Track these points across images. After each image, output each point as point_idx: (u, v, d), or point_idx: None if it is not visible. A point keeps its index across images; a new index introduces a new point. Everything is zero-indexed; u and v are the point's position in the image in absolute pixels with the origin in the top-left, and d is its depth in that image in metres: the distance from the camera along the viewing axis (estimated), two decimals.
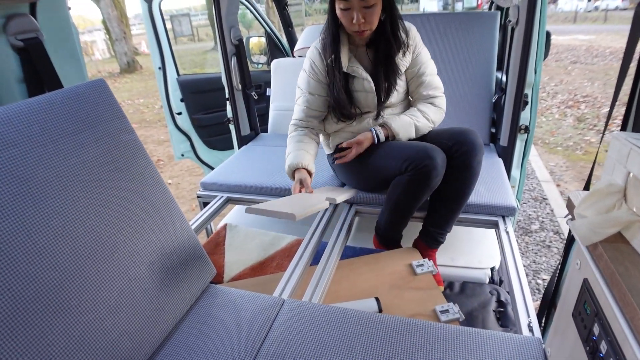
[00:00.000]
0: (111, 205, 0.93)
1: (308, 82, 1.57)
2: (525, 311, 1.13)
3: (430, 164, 1.33)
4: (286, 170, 1.54)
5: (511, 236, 1.44)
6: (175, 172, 4.52)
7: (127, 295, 0.92)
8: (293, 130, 1.62)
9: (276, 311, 1.08)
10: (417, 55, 1.56)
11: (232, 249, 1.63)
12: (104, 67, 14.16)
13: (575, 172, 4.02)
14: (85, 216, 0.87)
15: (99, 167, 0.94)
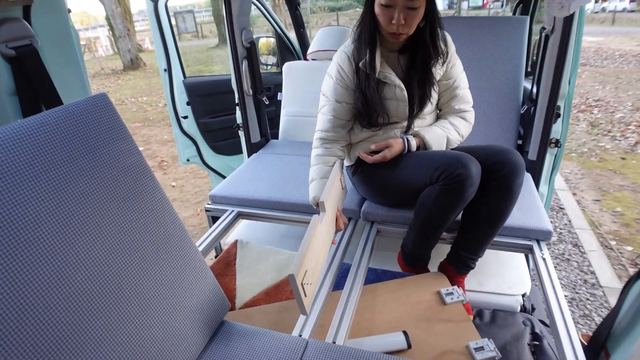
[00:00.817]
0: (115, 243, 0.82)
1: (335, 89, 1.44)
2: (573, 355, 1.02)
3: (465, 172, 1.21)
4: (310, 201, 1.44)
5: (549, 264, 1.33)
6: (179, 174, 4.41)
7: (133, 347, 0.80)
8: (319, 145, 1.49)
9: (299, 355, 0.96)
10: (452, 67, 1.44)
11: (244, 270, 1.52)
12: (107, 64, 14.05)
13: (591, 180, 3.90)
14: (85, 259, 0.76)
15: (100, 199, 0.82)
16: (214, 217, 1.78)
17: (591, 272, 2.63)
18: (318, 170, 1.44)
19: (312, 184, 1.44)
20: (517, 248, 1.45)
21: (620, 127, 5.16)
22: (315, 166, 1.46)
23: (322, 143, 1.48)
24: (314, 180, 1.44)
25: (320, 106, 1.50)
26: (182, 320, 0.92)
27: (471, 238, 1.39)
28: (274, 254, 1.57)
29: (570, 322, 1.11)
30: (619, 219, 3.20)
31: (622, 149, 4.51)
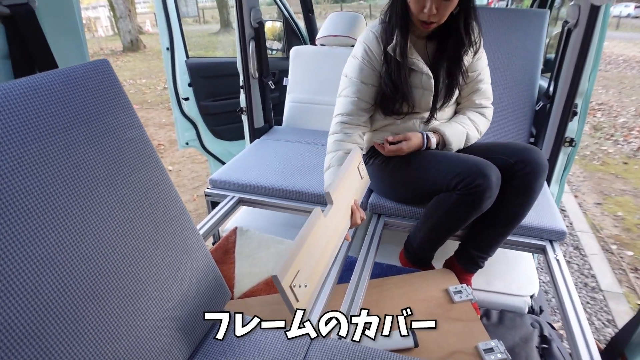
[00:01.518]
0: (111, 221, 0.75)
1: (361, 70, 1.34)
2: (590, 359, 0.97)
3: (484, 183, 1.15)
4: (325, 189, 1.34)
5: (563, 266, 1.28)
6: (176, 158, 4.32)
7: (129, 335, 0.74)
8: (339, 130, 1.37)
9: (303, 352, 0.91)
10: (478, 59, 1.38)
11: (244, 258, 1.45)
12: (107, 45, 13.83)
13: (593, 183, 3.87)
14: (77, 237, 0.69)
15: (96, 173, 0.75)
16: (214, 203, 1.71)
17: (592, 275, 2.60)
18: (337, 157, 1.34)
19: (329, 172, 1.34)
20: (530, 248, 1.40)
21: (623, 132, 5.13)
22: (333, 153, 1.35)
23: (343, 128, 1.36)
24: (332, 167, 1.34)
25: (341, 89, 1.40)
26: (181, 308, 0.86)
27: (484, 237, 1.33)
28: (275, 243, 1.51)
29: (586, 325, 1.06)
30: (620, 223, 3.17)
31: (625, 154, 4.48)
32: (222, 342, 0.94)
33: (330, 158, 1.36)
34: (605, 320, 2.23)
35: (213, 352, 0.91)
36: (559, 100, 1.65)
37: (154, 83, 8.06)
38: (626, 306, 2.32)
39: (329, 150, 1.37)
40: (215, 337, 0.88)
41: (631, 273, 2.59)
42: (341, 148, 1.34)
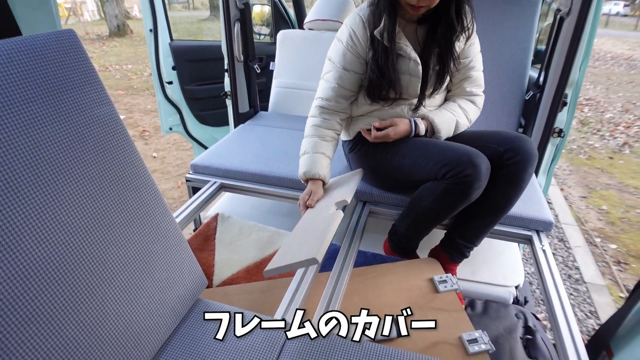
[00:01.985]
0: (75, 203, 0.70)
1: (344, 55, 1.30)
2: (576, 355, 0.95)
3: (474, 173, 1.11)
4: (300, 175, 1.33)
5: (549, 256, 1.26)
6: (161, 144, 4.24)
7: (95, 323, 0.69)
8: (317, 114, 1.36)
9: (282, 342, 0.87)
10: (470, 45, 1.33)
11: (224, 245, 1.41)
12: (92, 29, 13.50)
13: (578, 177, 3.90)
14: (37, 220, 0.64)
15: (60, 152, 0.70)
16: (195, 188, 1.66)
17: (575, 267, 2.61)
18: (312, 143, 1.32)
19: (304, 157, 1.32)
20: (516, 238, 1.38)
21: (610, 127, 5.17)
22: (309, 138, 1.34)
23: (321, 112, 1.35)
24: (307, 153, 1.32)
25: (324, 72, 1.37)
26: (153, 295, 0.82)
27: (470, 226, 1.30)
28: (258, 231, 1.46)
29: (572, 316, 1.04)
30: (605, 216, 3.19)
31: (610, 149, 4.52)
32: (198, 328, 0.90)
33: (306, 143, 1.34)
34: (587, 312, 2.25)
35: (191, 337, 0.87)
36: (549, 90, 1.63)
37: (141, 69, 7.90)
38: (608, 298, 2.34)
39: (306, 134, 1.36)
40: (215, 337, 0.84)
41: (614, 266, 2.61)
42: (318, 135, 1.33)
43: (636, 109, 5.88)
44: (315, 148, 1.31)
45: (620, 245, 2.82)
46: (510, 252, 1.59)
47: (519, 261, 1.56)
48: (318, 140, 1.32)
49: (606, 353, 0.99)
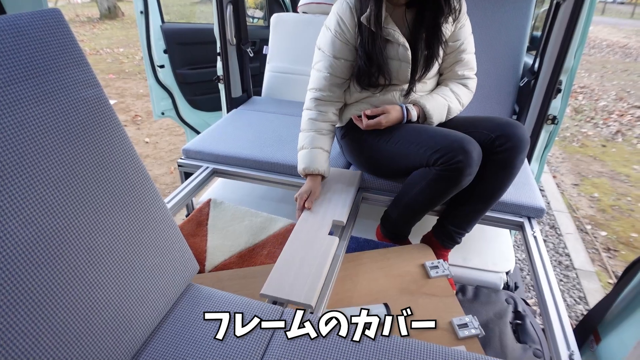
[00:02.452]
0: (61, 185, 0.69)
1: (333, 43, 1.28)
2: (564, 339, 0.96)
3: (465, 160, 1.11)
4: (299, 171, 1.34)
5: (540, 243, 1.27)
6: (153, 129, 4.19)
7: (83, 309, 0.69)
8: (312, 107, 1.35)
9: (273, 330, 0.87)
10: (461, 27, 1.31)
11: (216, 231, 1.40)
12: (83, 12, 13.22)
13: (571, 164, 3.92)
14: (21, 202, 0.63)
15: (45, 133, 0.68)
16: (187, 174, 1.64)
17: (566, 254, 2.64)
18: (310, 138, 1.33)
19: (302, 153, 1.33)
20: (508, 224, 1.39)
21: (603, 115, 5.19)
22: (306, 132, 1.34)
23: (317, 105, 1.34)
24: (305, 149, 1.33)
25: (314, 61, 1.35)
26: (143, 280, 0.81)
27: (462, 212, 1.31)
28: (250, 216, 1.46)
29: (561, 301, 1.05)
30: (596, 204, 3.22)
31: (604, 137, 4.54)
32: (189, 313, 0.89)
33: (303, 138, 1.35)
34: (577, 298, 2.28)
35: (182, 322, 0.87)
36: (543, 77, 1.62)
37: (132, 52, 7.76)
38: (597, 284, 2.37)
39: (303, 128, 1.36)
40: (215, 337, 0.83)
41: (604, 253, 2.64)
42: (314, 129, 1.33)
43: (630, 97, 5.89)
44: (313, 143, 1.32)
45: (611, 232, 2.85)
46: (502, 239, 1.61)
47: (510, 247, 1.57)
48: (315, 134, 1.32)
49: (594, 337, 1.01)
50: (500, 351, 1.18)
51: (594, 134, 4.60)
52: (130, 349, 0.78)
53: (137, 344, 0.80)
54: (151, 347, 0.83)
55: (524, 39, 1.82)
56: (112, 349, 0.74)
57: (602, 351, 0.98)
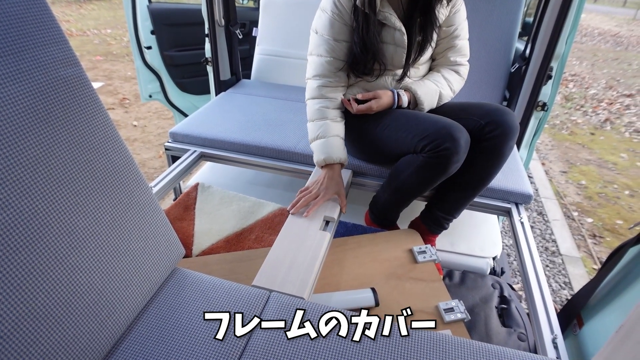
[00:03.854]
0: (39, 168, 0.67)
1: (332, 25, 1.24)
2: (548, 323, 0.98)
3: (452, 147, 1.10)
4: (317, 162, 1.29)
5: (527, 228, 1.27)
6: (142, 113, 4.13)
7: (65, 292, 0.68)
8: (320, 95, 1.30)
9: (259, 309, 0.87)
10: (455, 12, 1.29)
11: (204, 215, 1.39)
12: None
13: (560, 152, 3.95)
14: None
15: (23, 113, 0.66)
16: (175, 157, 1.62)
17: (553, 240, 2.68)
18: (325, 127, 1.28)
19: (318, 143, 1.28)
20: (495, 210, 1.39)
21: (593, 103, 5.22)
22: (319, 122, 1.29)
23: (325, 92, 1.30)
24: (320, 138, 1.28)
25: (313, 46, 1.30)
26: (127, 264, 0.80)
27: (450, 198, 1.31)
28: (238, 201, 1.45)
29: (545, 286, 1.07)
30: (583, 191, 3.26)
31: (592, 125, 4.57)
32: (174, 297, 0.89)
33: (317, 128, 1.29)
34: (562, 283, 2.32)
35: (167, 306, 0.86)
36: (534, 63, 1.61)
37: (120, 34, 7.60)
38: (582, 270, 2.41)
39: (313, 118, 1.30)
40: (215, 337, 0.82)
41: (589, 239, 2.68)
42: (326, 116, 1.29)
43: (619, 86, 5.94)
44: (329, 131, 1.28)
45: (597, 219, 2.89)
46: (489, 225, 1.61)
47: (498, 233, 1.58)
48: (329, 122, 1.28)
49: (577, 322, 1.02)
50: (486, 335, 1.19)
51: (583, 122, 4.64)
52: (114, 332, 0.77)
53: (122, 328, 0.79)
54: (136, 330, 0.82)
55: (516, 24, 1.80)
56: (95, 332, 0.73)
57: (585, 335, 1.00)
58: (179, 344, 0.79)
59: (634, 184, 3.34)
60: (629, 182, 3.37)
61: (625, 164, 3.69)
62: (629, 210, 2.99)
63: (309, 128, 1.32)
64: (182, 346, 0.79)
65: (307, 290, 0.96)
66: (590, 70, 6.85)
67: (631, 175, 3.48)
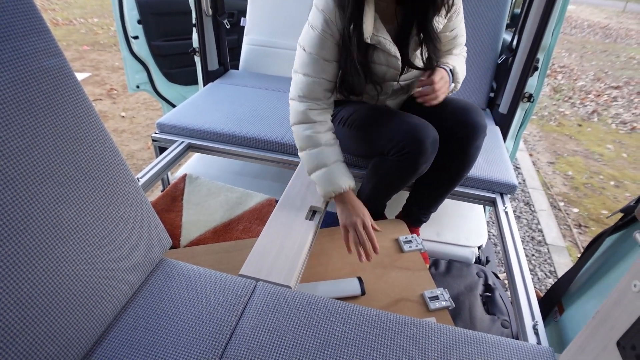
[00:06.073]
0: (22, 158, 0.66)
1: (322, 44, 1.12)
2: (529, 310, 1.00)
3: (416, 150, 1.10)
4: (323, 196, 1.19)
5: (511, 218, 1.30)
6: (130, 104, 4.08)
7: (50, 283, 0.68)
8: (308, 119, 1.17)
9: (246, 298, 0.88)
10: (456, 15, 1.22)
11: (192, 206, 1.39)
12: None
13: (548, 143, 3.99)
14: None
15: (4, 104, 0.65)
16: (162, 149, 1.61)
17: (539, 230, 2.72)
18: (321, 155, 1.16)
19: (319, 174, 1.16)
20: (480, 200, 1.41)
21: (581, 95, 5.27)
22: (312, 150, 1.16)
23: (314, 115, 1.17)
24: (320, 168, 1.16)
25: (298, 65, 1.18)
26: (113, 255, 0.80)
27: (424, 196, 1.34)
28: (226, 191, 1.45)
29: (528, 275, 1.09)
30: (570, 182, 3.30)
31: (580, 116, 4.62)
32: (161, 288, 0.89)
33: (313, 157, 1.17)
34: (547, 272, 2.36)
35: (154, 297, 0.87)
36: (521, 54, 1.62)
37: (107, 23, 7.47)
38: (567, 259, 2.46)
39: (305, 146, 1.18)
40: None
41: (575, 229, 2.72)
42: (320, 142, 1.16)
43: (607, 78, 5.99)
44: (328, 158, 1.16)
45: (582, 209, 2.94)
46: (475, 214, 1.64)
47: (483, 223, 1.60)
48: (324, 148, 1.16)
49: (558, 309, 1.05)
50: (470, 322, 1.21)
51: (571, 114, 4.69)
52: (101, 322, 0.78)
53: (109, 318, 0.80)
54: (123, 320, 0.82)
55: (504, 15, 1.81)
56: (82, 322, 0.73)
57: (565, 321, 1.02)
58: (166, 333, 0.80)
59: (619, 175, 3.39)
60: (615, 173, 3.42)
61: (611, 155, 3.74)
62: (614, 200, 3.04)
63: (302, 158, 1.20)
64: (169, 335, 0.79)
65: (293, 279, 0.97)
66: (579, 62, 6.90)
67: (617, 166, 3.53)
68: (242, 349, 0.78)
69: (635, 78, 6.05)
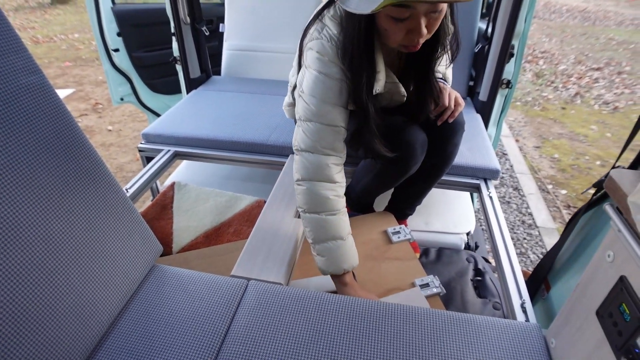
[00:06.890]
0: (6, 174, 0.68)
1: (331, 89, 0.98)
2: (517, 290, 1.02)
3: (406, 153, 1.12)
4: (327, 273, 1.03)
5: (495, 202, 1.32)
6: (116, 117, 4.07)
7: (44, 296, 0.69)
8: (328, 178, 1.00)
9: (238, 298, 0.89)
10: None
11: (182, 213, 1.40)
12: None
13: (533, 127, 4.04)
14: None
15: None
16: (149, 158, 1.62)
17: (529, 213, 2.76)
18: (337, 224, 1.02)
19: (327, 247, 1.01)
20: (465, 187, 1.44)
21: (563, 79, 5.34)
22: (329, 216, 1.00)
23: (338, 172, 1.02)
24: (329, 241, 1.00)
25: (312, 113, 0.98)
26: (104, 264, 0.81)
27: (407, 192, 1.37)
28: (215, 196, 1.46)
29: (514, 257, 1.11)
30: (556, 164, 3.35)
31: (563, 100, 4.68)
32: (155, 293, 0.91)
33: (330, 224, 1.00)
34: (539, 254, 2.40)
35: (148, 302, 0.88)
36: (496, 42, 1.66)
37: (88, 38, 7.43)
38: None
39: (321, 209, 1.00)
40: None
41: (564, 210, 2.77)
42: (339, 207, 1.02)
43: (588, 60, 6.07)
44: (343, 229, 1.03)
45: (570, 190, 2.98)
46: (462, 202, 1.67)
47: (471, 209, 1.63)
48: (342, 217, 1.03)
49: (545, 287, 1.08)
50: (462, 307, 1.24)
51: (554, 97, 4.75)
52: (97, 331, 0.79)
53: (104, 326, 0.81)
54: (119, 327, 0.84)
55: (477, 4, 1.85)
56: (78, 332, 0.74)
57: (552, 298, 1.05)
58: (162, 336, 0.81)
59: (604, 154, 3.44)
60: (600, 153, 3.47)
61: (596, 135, 3.80)
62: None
63: (310, 222, 1.01)
64: (165, 338, 0.81)
65: (285, 276, 0.99)
66: (559, 46, 6.98)
67: (601, 146, 3.59)
68: (237, 345, 0.79)
69: (615, 59, 6.14)
